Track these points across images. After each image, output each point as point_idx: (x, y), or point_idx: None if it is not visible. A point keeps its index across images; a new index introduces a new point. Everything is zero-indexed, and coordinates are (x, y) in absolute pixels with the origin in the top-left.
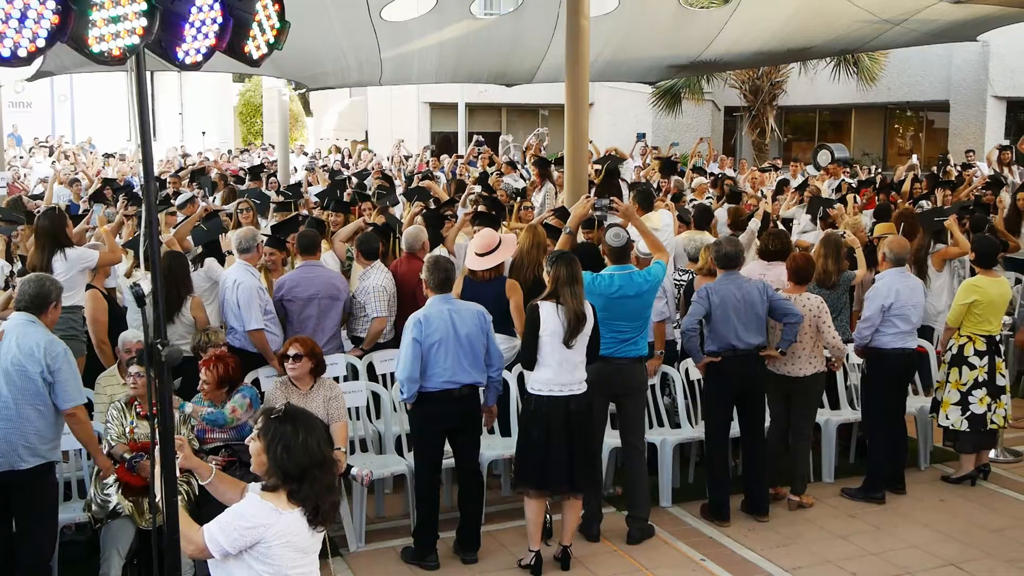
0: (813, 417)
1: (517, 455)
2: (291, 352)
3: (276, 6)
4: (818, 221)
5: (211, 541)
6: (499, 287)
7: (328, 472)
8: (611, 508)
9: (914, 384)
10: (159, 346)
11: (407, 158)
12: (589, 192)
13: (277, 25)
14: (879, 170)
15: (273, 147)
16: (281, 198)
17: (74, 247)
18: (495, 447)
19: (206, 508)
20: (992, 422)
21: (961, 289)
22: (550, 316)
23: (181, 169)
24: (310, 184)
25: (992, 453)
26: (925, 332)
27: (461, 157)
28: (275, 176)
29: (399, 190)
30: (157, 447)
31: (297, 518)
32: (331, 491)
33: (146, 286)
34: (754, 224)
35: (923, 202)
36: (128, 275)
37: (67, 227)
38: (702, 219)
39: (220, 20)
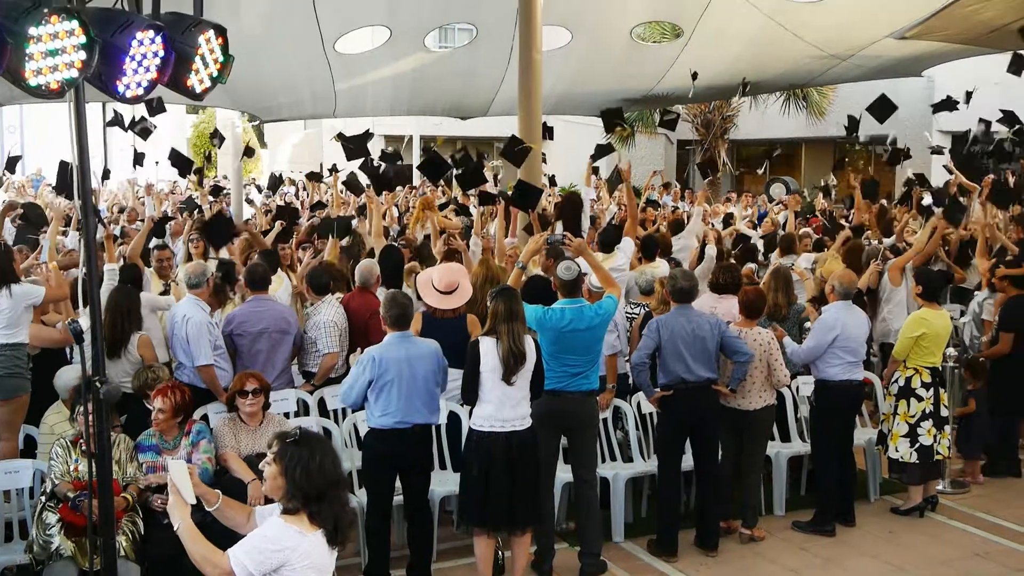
0: (764, 450)
1: (459, 491)
2: (249, 387)
3: (220, 40)
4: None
5: (237, 565)
6: (459, 323)
7: (343, 491)
8: (564, 544)
9: (862, 416)
10: (98, 383)
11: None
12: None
13: (221, 59)
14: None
15: (227, 179)
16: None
17: (20, 283)
18: (447, 483)
19: (206, 534)
20: (938, 452)
21: (909, 322)
22: (490, 352)
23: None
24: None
25: (939, 484)
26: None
27: (415, 188)
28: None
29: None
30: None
31: (319, 539)
32: (347, 509)
33: (85, 322)
34: (711, 251)
35: (869, 236)
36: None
37: (14, 262)
38: (651, 251)
39: (162, 54)
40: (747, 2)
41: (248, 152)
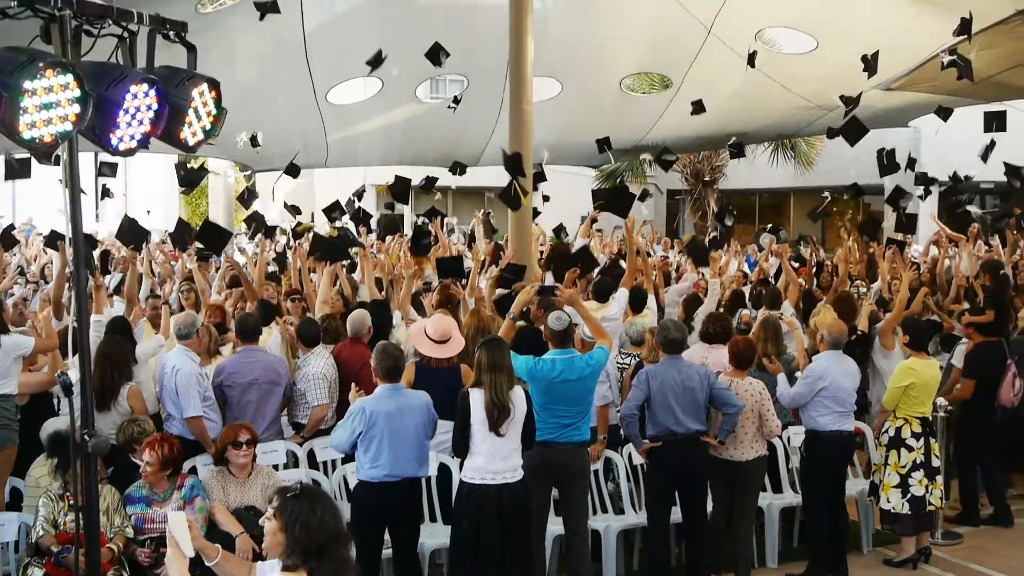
0: (756, 501)
1: (450, 544)
2: (242, 439)
3: (213, 93)
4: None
5: None
6: (453, 374)
7: (345, 546)
8: None
9: (854, 466)
10: (86, 436)
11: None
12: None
13: (214, 112)
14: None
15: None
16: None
17: (9, 334)
18: (437, 536)
19: None
20: (930, 503)
21: (897, 372)
22: (478, 403)
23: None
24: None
25: (932, 535)
26: None
27: (404, 236)
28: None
29: None
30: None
31: None
32: (349, 565)
33: (74, 375)
34: (715, 285)
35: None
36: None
37: (4, 313)
38: (639, 303)
39: (155, 107)
40: (735, 53)
41: (251, 195)
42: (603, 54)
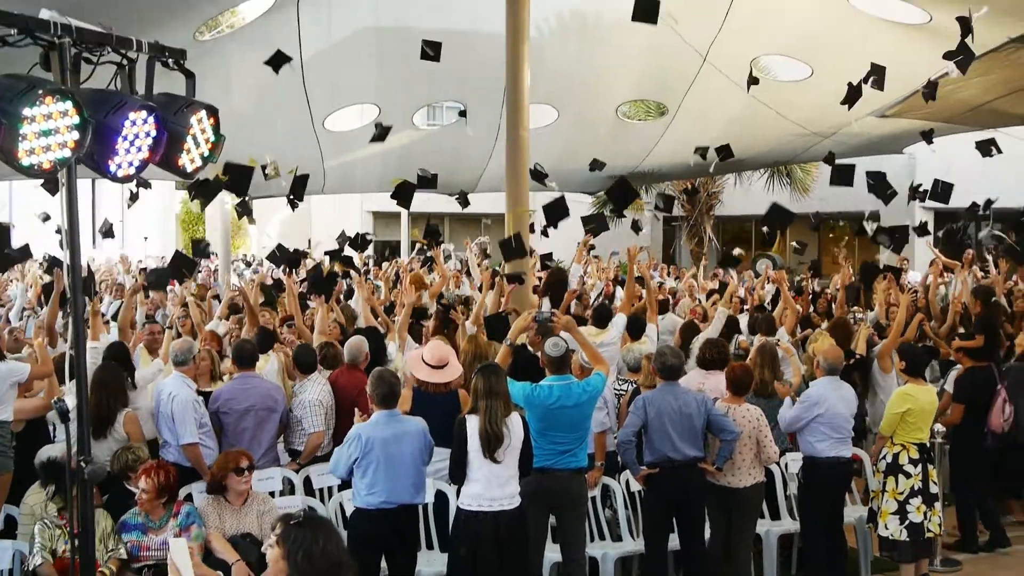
0: (753, 528)
1: (447, 572)
2: (244, 465)
3: (211, 120)
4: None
5: None
6: (450, 399)
7: (347, 574)
8: None
9: (852, 493)
10: (82, 463)
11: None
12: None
13: (212, 139)
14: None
15: (216, 255)
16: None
17: (5, 360)
18: (434, 563)
19: None
20: (928, 530)
21: (894, 398)
22: (475, 430)
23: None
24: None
25: (931, 562)
26: None
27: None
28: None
29: None
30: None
31: None
32: None
33: (71, 401)
34: (722, 312)
35: (856, 309)
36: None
37: None
38: (637, 330)
39: (154, 134)
40: (731, 81)
41: (246, 209)
42: (599, 81)
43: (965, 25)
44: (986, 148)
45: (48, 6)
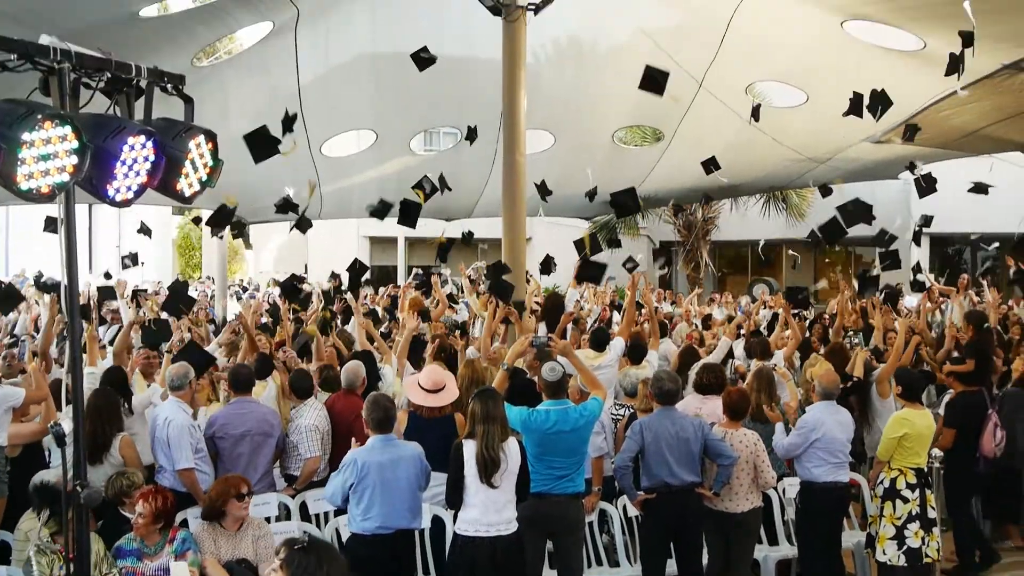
0: (751, 553)
1: None
2: (244, 490)
3: (210, 145)
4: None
5: None
6: (446, 424)
7: None
8: None
9: (850, 518)
10: (78, 488)
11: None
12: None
13: (210, 163)
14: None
15: (212, 280)
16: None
17: (0, 384)
18: None
19: None
20: (927, 555)
21: (891, 423)
22: (471, 455)
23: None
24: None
25: None
26: None
27: (398, 287)
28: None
29: None
30: None
31: None
32: None
33: (67, 425)
34: (724, 344)
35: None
36: None
37: None
38: (639, 355)
39: (152, 158)
40: (727, 107)
41: (240, 227)
42: (595, 107)
43: (966, 39)
44: (981, 188)
45: (48, 32)
